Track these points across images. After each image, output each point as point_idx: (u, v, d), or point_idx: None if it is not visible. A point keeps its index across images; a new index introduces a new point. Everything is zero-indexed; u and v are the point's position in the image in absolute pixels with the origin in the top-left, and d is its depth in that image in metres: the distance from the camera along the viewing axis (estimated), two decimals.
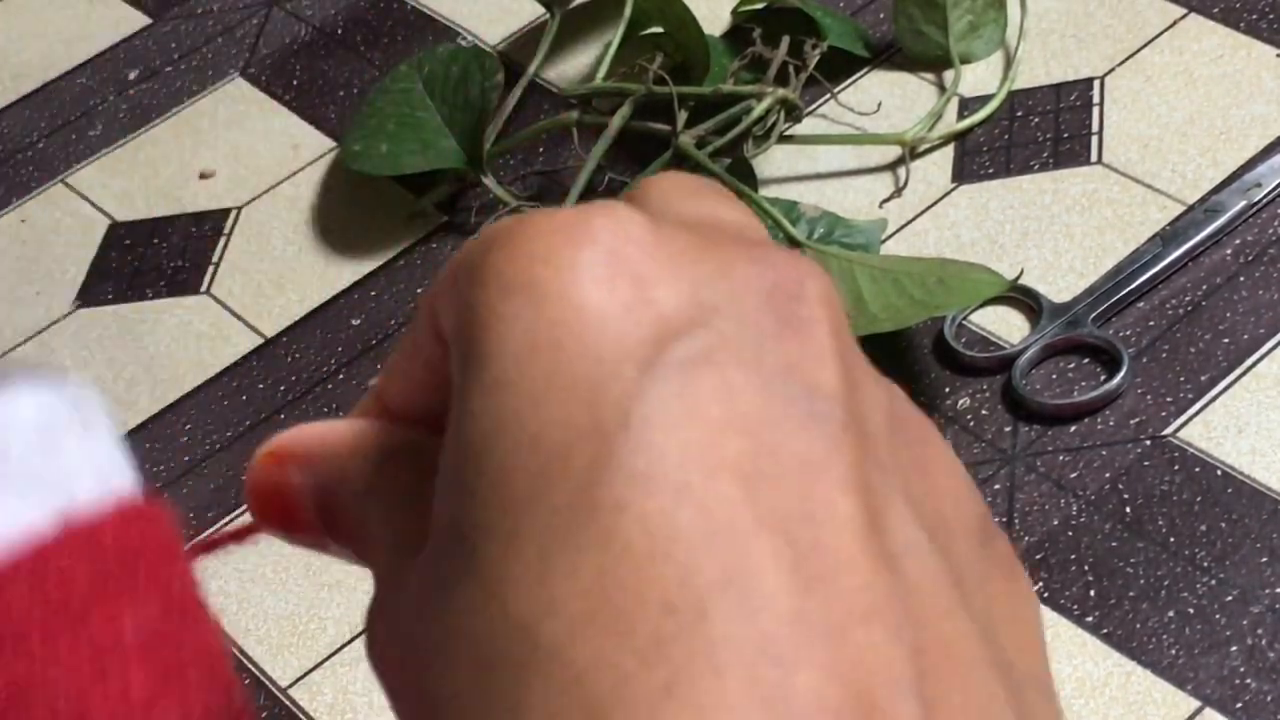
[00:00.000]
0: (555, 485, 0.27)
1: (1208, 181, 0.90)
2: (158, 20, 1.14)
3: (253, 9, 1.13)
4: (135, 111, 1.08)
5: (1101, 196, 0.91)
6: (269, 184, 1.02)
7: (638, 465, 0.27)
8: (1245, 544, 0.76)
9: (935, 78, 0.99)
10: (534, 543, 0.27)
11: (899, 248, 0.91)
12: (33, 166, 1.06)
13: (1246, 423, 0.80)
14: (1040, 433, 0.82)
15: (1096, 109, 0.95)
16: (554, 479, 0.27)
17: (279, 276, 0.97)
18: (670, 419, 0.27)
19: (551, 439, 0.27)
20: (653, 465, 0.27)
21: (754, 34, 0.97)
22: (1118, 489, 0.79)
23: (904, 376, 0.85)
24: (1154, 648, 0.73)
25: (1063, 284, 0.87)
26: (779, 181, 0.95)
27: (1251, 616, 0.74)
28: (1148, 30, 0.99)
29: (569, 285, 0.28)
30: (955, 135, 0.96)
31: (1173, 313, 0.85)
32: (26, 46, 1.14)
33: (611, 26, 1.00)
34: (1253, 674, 0.72)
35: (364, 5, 1.12)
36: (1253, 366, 0.82)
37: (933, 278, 0.81)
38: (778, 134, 0.95)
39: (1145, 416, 0.81)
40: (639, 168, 0.94)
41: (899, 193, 0.93)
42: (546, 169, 0.99)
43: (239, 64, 1.10)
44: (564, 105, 1.00)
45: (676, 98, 0.92)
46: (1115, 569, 0.76)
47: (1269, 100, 0.94)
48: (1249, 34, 0.97)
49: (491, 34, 1.08)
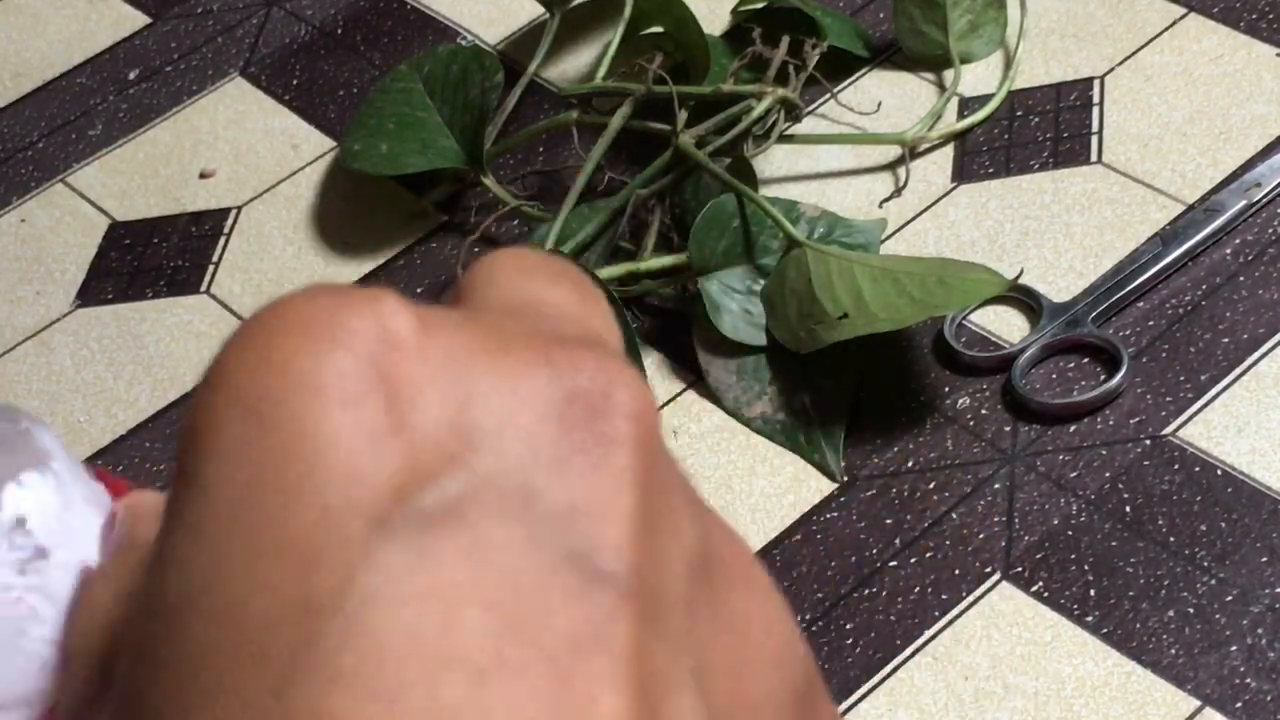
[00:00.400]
0: (250, 677, 0.22)
1: (1208, 181, 0.90)
2: (158, 20, 1.14)
3: (253, 9, 1.13)
4: (135, 111, 1.08)
5: (1101, 196, 0.91)
6: (269, 184, 1.02)
7: (344, 662, 0.22)
8: (1245, 544, 0.76)
9: (935, 77, 0.99)
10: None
11: (899, 247, 0.91)
12: (33, 166, 1.06)
13: (1246, 423, 0.80)
14: (1040, 432, 0.82)
15: (1096, 109, 0.95)
16: (249, 668, 0.22)
17: (279, 276, 0.97)
18: (397, 595, 0.22)
19: (256, 613, 0.22)
20: (364, 663, 0.22)
21: (754, 34, 0.97)
22: (1118, 489, 0.79)
23: (904, 376, 0.85)
24: (1154, 647, 0.73)
25: (1063, 284, 0.87)
26: (779, 181, 0.95)
27: (1251, 616, 0.74)
28: (1148, 30, 0.99)
29: (305, 406, 0.23)
30: (955, 135, 0.96)
31: (1173, 312, 0.85)
32: (26, 46, 1.14)
33: (611, 26, 1.00)
34: (1252, 673, 0.72)
35: (364, 5, 1.12)
36: (1253, 366, 0.82)
37: (933, 277, 0.81)
38: (778, 134, 0.95)
39: (1145, 416, 0.81)
40: (639, 167, 0.94)
41: (899, 192, 0.93)
42: (546, 169, 0.99)
43: (239, 64, 1.10)
44: (564, 105, 1.00)
45: (676, 97, 0.92)
46: (1115, 569, 0.76)
47: (1269, 100, 0.94)
48: (1249, 33, 0.97)
49: (491, 34, 1.08)
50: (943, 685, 0.74)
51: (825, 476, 0.82)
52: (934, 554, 0.78)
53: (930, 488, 0.81)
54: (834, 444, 0.82)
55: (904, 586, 0.77)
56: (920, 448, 0.82)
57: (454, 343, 0.24)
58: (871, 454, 0.82)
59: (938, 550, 0.78)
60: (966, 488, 0.80)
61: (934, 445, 0.82)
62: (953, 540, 0.78)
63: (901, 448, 0.82)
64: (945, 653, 0.75)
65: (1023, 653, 0.74)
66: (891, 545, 0.79)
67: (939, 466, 0.81)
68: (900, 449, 0.82)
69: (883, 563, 0.78)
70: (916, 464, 0.82)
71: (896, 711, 0.73)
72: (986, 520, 0.79)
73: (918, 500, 0.80)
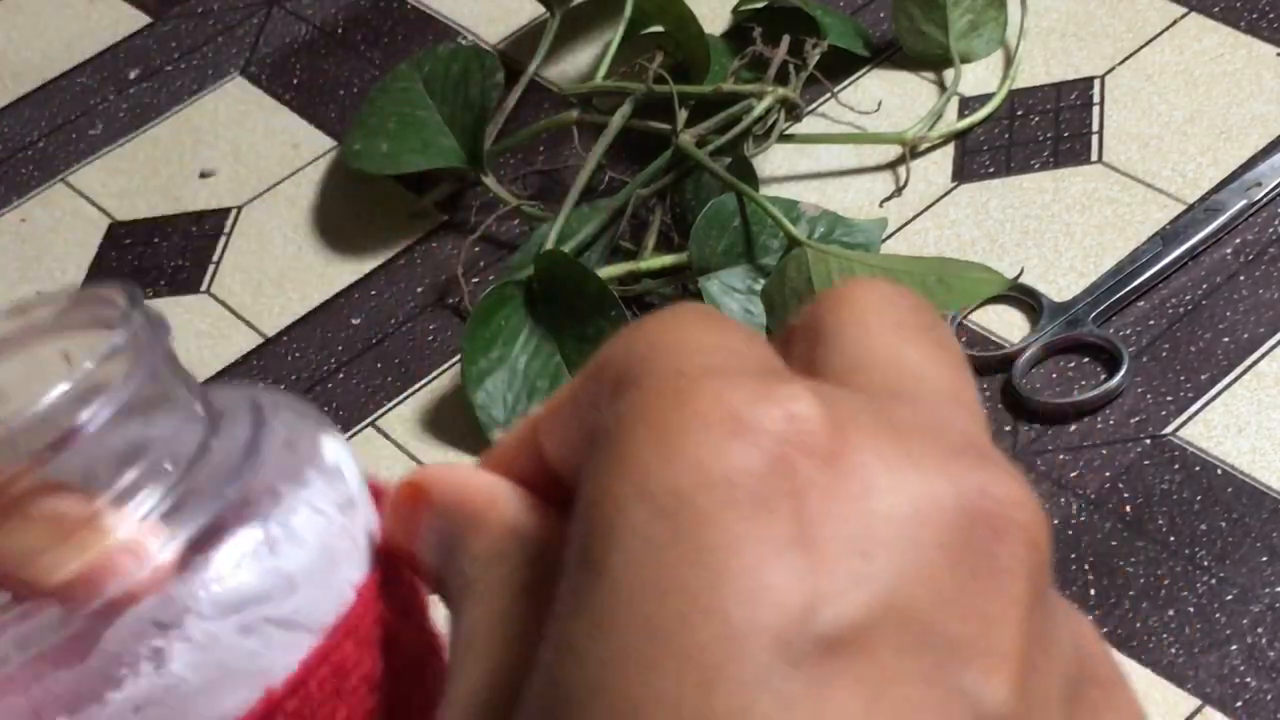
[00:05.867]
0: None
1: (1208, 180, 0.90)
2: (158, 20, 1.14)
3: (253, 8, 1.13)
4: (135, 111, 1.08)
5: (1102, 196, 0.91)
6: (269, 183, 1.02)
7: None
8: (1245, 543, 0.76)
9: (935, 77, 0.99)
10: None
11: (899, 247, 0.91)
12: (33, 166, 1.06)
13: (1246, 422, 0.80)
14: (1040, 432, 0.82)
15: (1097, 108, 0.95)
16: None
17: (279, 275, 0.97)
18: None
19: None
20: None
21: (754, 33, 0.97)
22: (1118, 488, 0.79)
23: None
24: (1154, 646, 0.73)
25: (1063, 283, 0.87)
26: (779, 181, 0.95)
27: (1251, 615, 0.74)
28: (1148, 29, 0.99)
29: (716, 509, 0.23)
30: (955, 134, 0.96)
31: (1173, 312, 0.85)
32: (26, 46, 1.14)
33: (611, 26, 1.00)
34: (1252, 672, 0.72)
35: (364, 5, 1.12)
36: (1253, 365, 0.82)
37: (933, 277, 0.81)
38: (778, 133, 0.95)
39: (1145, 415, 0.81)
40: (639, 167, 0.94)
41: (899, 192, 0.93)
42: (546, 168, 0.99)
43: (239, 63, 1.10)
44: (564, 104, 1.00)
45: (677, 97, 0.92)
46: (1115, 568, 0.76)
47: (1269, 99, 0.94)
48: (1249, 33, 0.97)
49: (491, 33, 1.08)
50: None
51: None
52: None
53: None
54: None
55: None
56: None
57: (860, 444, 0.23)
58: None
59: None
60: None
61: None
62: None
63: None
64: None
65: None
66: None
67: None
68: None
69: None
70: None
71: None
72: None
73: None
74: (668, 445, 0.23)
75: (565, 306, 0.86)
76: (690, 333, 0.26)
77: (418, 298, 0.94)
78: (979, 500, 0.24)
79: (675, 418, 0.23)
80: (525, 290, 0.88)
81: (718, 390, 0.23)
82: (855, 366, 0.26)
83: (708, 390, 0.24)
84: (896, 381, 0.25)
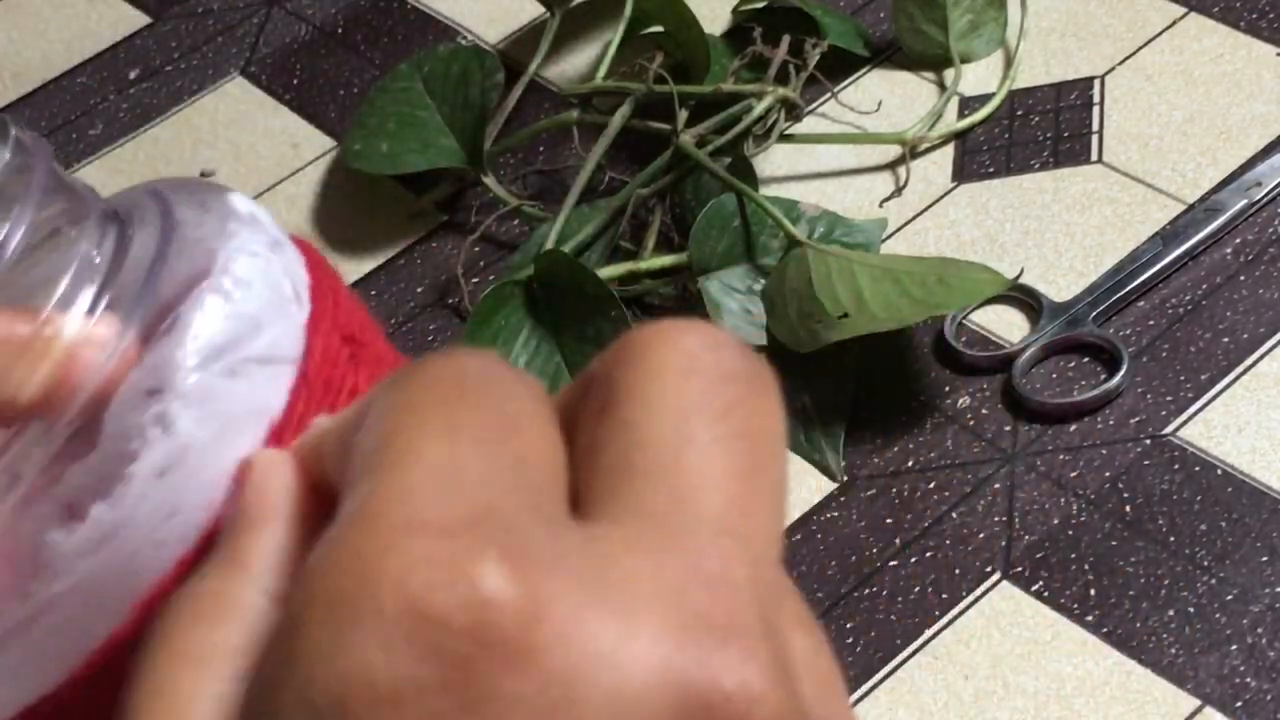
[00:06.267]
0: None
1: (1208, 180, 0.90)
2: (158, 20, 1.14)
3: (253, 8, 1.13)
4: (135, 111, 1.08)
5: (1102, 196, 0.91)
6: (269, 183, 1.02)
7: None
8: (1245, 543, 0.76)
9: (935, 77, 0.99)
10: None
11: (899, 247, 0.91)
12: None
13: (1246, 422, 0.80)
14: (1040, 432, 0.82)
15: (1097, 108, 0.95)
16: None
17: None
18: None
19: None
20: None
21: (754, 33, 0.97)
22: (1118, 488, 0.79)
23: (904, 376, 0.85)
24: (1154, 647, 0.73)
25: (1063, 283, 0.87)
26: (779, 181, 0.95)
27: (1251, 615, 0.74)
28: (1148, 30, 0.99)
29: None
30: (955, 134, 0.96)
31: (1173, 312, 0.85)
32: (26, 46, 1.14)
33: (611, 26, 1.00)
34: (1252, 673, 0.72)
35: (364, 5, 1.12)
36: (1253, 366, 0.82)
37: (933, 277, 0.81)
38: (778, 133, 0.95)
39: (1145, 416, 0.81)
40: (639, 167, 0.94)
41: (899, 192, 0.93)
42: (546, 168, 0.99)
43: (239, 63, 1.10)
44: (564, 105, 1.00)
45: (677, 97, 0.92)
46: (1115, 568, 0.76)
47: (1269, 99, 0.94)
48: (1249, 33, 0.97)
49: (491, 33, 1.08)
50: (943, 685, 0.74)
51: (825, 476, 0.82)
52: (934, 553, 0.78)
53: (930, 487, 0.81)
54: (834, 443, 0.82)
55: (904, 586, 0.77)
56: (920, 447, 0.82)
57: (562, 632, 0.21)
58: (871, 454, 0.82)
59: (938, 550, 0.78)
60: (967, 487, 0.80)
61: (934, 445, 0.82)
62: (953, 540, 0.78)
63: (902, 447, 0.82)
64: (945, 652, 0.75)
65: (1023, 652, 0.74)
66: (891, 545, 0.79)
67: (939, 466, 0.81)
68: (900, 449, 0.82)
69: (883, 562, 0.78)
70: (917, 464, 0.81)
71: (897, 711, 0.73)
72: (986, 520, 0.79)
73: (918, 500, 0.80)
74: (338, 642, 0.21)
75: (565, 307, 0.86)
76: (433, 425, 0.24)
77: (418, 298, 0.94)
78: (707, 693, 0.21)
79: (349, 610, 0.21)
80: (525, 290, 0.88)
81: (403, 570, 0.21)
82: (628, 456, 0.23)
83: (392, 567, 0.21)
84: (665, 493, 0.23)
